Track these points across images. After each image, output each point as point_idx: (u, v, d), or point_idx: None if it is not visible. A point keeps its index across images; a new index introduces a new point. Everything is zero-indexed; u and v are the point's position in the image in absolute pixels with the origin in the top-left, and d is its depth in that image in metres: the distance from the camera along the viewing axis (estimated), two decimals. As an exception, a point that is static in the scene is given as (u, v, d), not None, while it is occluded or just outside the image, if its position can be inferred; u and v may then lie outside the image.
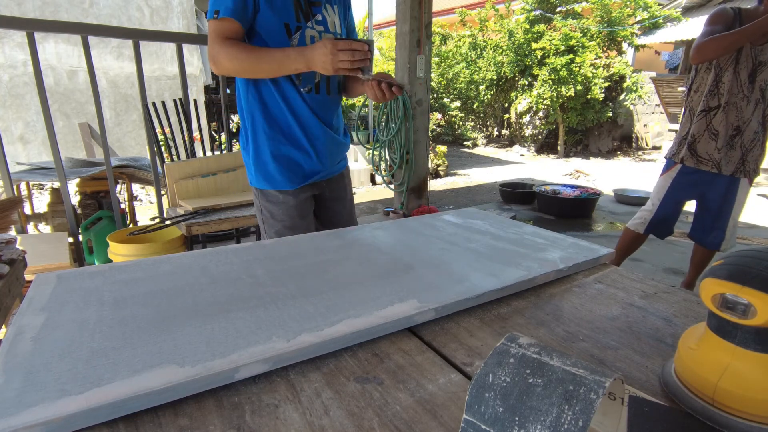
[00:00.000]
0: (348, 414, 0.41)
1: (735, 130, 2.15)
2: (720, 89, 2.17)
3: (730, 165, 2.19)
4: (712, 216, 2.31)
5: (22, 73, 5.19)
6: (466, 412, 0.31)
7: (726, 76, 2.14)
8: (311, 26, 1.18)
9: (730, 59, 2.12)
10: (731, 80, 2.12)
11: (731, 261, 0.39)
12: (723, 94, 2.15)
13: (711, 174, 2.23)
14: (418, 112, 4.11)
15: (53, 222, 2.63)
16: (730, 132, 2.15)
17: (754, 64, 2.08)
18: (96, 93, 2.24)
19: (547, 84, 7.72)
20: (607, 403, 0.38)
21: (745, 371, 0.38)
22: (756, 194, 5.46)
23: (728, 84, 2.13)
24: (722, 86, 2.16)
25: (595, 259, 0.77)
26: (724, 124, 2.16)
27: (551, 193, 4.55)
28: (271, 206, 1.28)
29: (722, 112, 2.16)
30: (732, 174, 2.20)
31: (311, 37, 1.19)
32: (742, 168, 2.19)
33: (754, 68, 2.08)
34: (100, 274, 0.67)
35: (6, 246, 1.26)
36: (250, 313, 0.55)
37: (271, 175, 1.25)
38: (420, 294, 0.60)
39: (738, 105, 2.12)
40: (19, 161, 4.21)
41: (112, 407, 0.39)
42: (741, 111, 2.12)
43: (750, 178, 2.22)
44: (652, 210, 2.41)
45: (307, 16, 1.17)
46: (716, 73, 2.18)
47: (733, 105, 2.13)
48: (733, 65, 2.12)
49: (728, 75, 2.12)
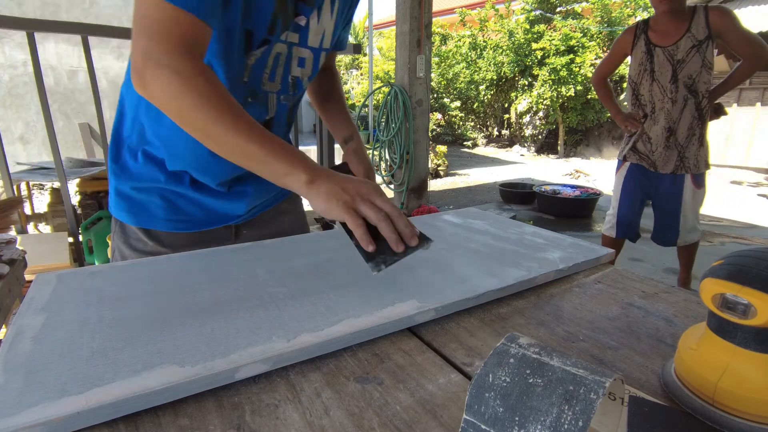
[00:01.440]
0: (348, 414, 0.41)
1: (668, 132, 2.18)
2: (641, 101, 2.25)
3: (668, 164, 2.23)
4: (663, 214, 2.35)
5: (22, 73, 5.19)
6: (466, 412, 0.31)
7: (643, 88, 2.21)
8: (284, 38, 0.76)
9: (643, 72, 2.20)
10: (650, 90, 2.19)
11: (731, 261, 0.39)
12: (646, 104, 2.22)
13: (653, 173, 2.29)
14: (418, 112, 4.11)
15: (53, 222, 2.63)
16: (663, 135, 2.19)
17: (673, 66, 2.10)
18: (96, 93, 2.24)
19: (547, 84, 7.72)
20: (607, 403, 0.38)
21: (745, 371, 0.38)
22: (756, 194, 5.46)
23: (648, 95, 2.20)
24: (642, 98, 2.23)
25: (595, 259, 0.77)
26: (655, 129, 2.21)
27: (551, 193, 4.55)
28: None
29: (650, 120, 2.22)
30: (672, 172, 2.24)
31: (276, 55, 0.77)
32: (681, 165, 2.22)
33: (674, 69, 2.10)
34: (100, 274, 0.67)
35: (6, 246, 1.26)
36: (250, 313, 0.55)
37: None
38: (420, 294, 0.60)
39: (666, 109, 2.16)
40: (19, 161, 4.20)
41: (112, 407, 0.39)
42: (670, 113, 2.16)
43: (694, 173, 2.21)
44: (614, 213, 2.45)
45: (284, 25, 0.74)
46: (632, 88, 2.28)
47: (661, 110, 2.18)
48: (648, 77, 2.18)
49: (645, 87, 2.20)
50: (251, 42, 0.72)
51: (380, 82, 9.06)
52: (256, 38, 0.72)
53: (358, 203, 0.59)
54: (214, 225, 0.88)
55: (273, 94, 0.82)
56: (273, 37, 0.74)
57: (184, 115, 0.59)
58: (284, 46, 0.77)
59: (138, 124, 0.81)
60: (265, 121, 0.84)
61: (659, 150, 2.22)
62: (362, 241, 0.57)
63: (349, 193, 0.59)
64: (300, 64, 0.82)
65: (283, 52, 0.78)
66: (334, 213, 0.59)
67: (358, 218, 0.58)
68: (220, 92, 0.60)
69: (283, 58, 0.78)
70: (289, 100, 0.86)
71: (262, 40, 0.73)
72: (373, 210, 0.58)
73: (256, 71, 0.77)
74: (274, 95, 0.82)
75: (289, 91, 0.84)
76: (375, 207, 0.59)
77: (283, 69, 0.80)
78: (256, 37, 0.72)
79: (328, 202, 0.59)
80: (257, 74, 0.77)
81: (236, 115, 0.59)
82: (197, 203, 0.85)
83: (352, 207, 0.59)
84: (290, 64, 0.81)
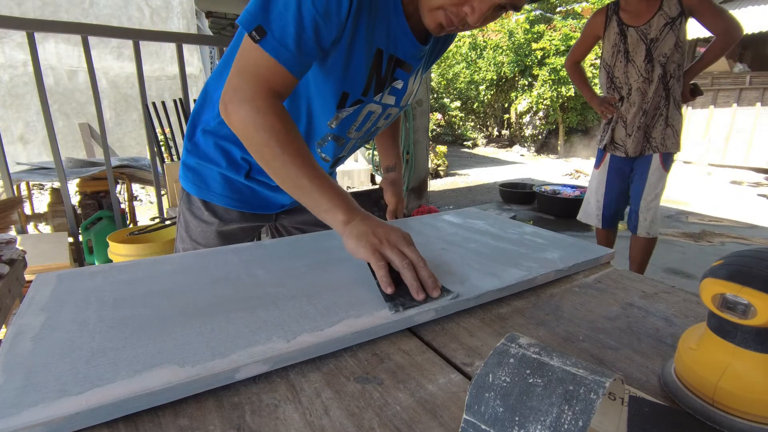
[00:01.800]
0: (348, 414, 0.41)
1: (642, 113, 2.16)
2: (615, 83, 2.20)
3: (636, 146, 2.21)
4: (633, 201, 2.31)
5: (22, 73, 5.19)
6: (466, 412, 0.31)
7: (618, 70, 2.17)
8: (378, 100, 0.82)
9: (617, 54, 2.16)
10: (625, 72, 2.15)
11: (731, 261, 0.39)
12: (621, 87, 2.18)
13: (625, 159, 2.28)
14: (418, 112, 4.11)
15: (53, 222, 2.63)
16: (639, 116, 2.16)
17: (647, 45, 2.07)
18: (96, 93, 2.24)
19: (547, 84, 7.72)
20: (607, 403, 0.38)
21: (745, 371, 0.38)
22: (756, 194, 5.46)
23: (623, 76, 2.16)
24: (617, 80, 2.19)
25: (595, 259, 0.77)
26: (631, 111, 2.18)
27: (551, 193, 4.55)
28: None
29: (627, 102, 2.19)
30: (641, 153, 2.22)
31: (368, 113, 0.83)
32: (648, 145, 2.19)
33: (648, 48, 2.07)
34: (100, 274, 0.67)
35: (6, 246, 1.26)
36: (250, 313, 0.55)
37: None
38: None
39: (642, 89, 2.12)
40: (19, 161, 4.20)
41: (112, 407, 0.39)
42: (645, 93, 2.13)
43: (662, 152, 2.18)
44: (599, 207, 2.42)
45: (380, 87, 0.80)
46: (606, 71, 2.24)
47: (637, 91, 2.13)
48: (623, 59, 2.14)
49: (619, 69, 2.16)
50: (345, 101, 0.79)
51: (380, 82, 9.04)
52: (350, 99, 0.79)
53: (385, 247, 0.61)
54: (262, 210, 0.99)
55: (354, 140, 0.92)
56: (366, 99, 0.81)
57: (254, 145, 0.69)
58: (379, 107, 0.85)
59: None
60: (338, 158, 0.95)
61: (633, 132, 2.20)
62: (382, 283, 0.59)
63: (378, 237, 0.62)
64: (386, 117, 0.91)
65: (377, 111, 0.86)
66: (361, 253, 0.62)
67: (382, 260, 0.60)
68: (288, 130, 0.68)
69: (375, 116, 0.87)
70: (363, 142, 0.96)
71: (356, 100, 0.80)
72: (398, 256, 0.60)
73: (345, 123, 0.85)
74: (354, 140, 0.92)
75: (367, 138, 0.95)
76: (401, 254, 0.61)
77: (372, 123, 0.89)
78: (351, 98, 0.79)
79: (357, 242, 0.62)
80: (345, 125, 0.85)
81: (298, 152, 0.68)
82: (250, 190, 0.96)
83: (378, 250, 0.61)
84: (380, 119, 0.89)
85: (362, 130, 0.90)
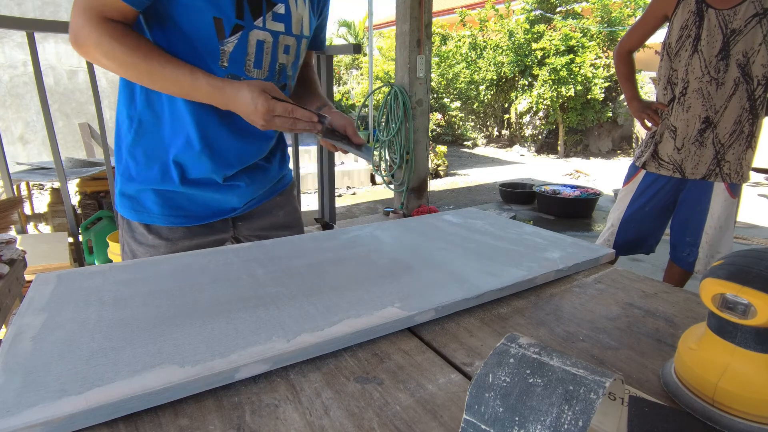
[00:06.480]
0: (348, 414, 0.41)
1: (704, 123, 1.70)
2: (672, 78, 1.76)
3: (700, 167, 1.75)
4: (683, 230, 1.87)
5: (22, 73, 5.19)
6: (466, 412, 0.31)
7: (681, 61, 1.72)
8: (261, 26, 0.82)
9: (685, 39, 1.69)
10: (687, 64, 1.69)
11: (731, 261, 0.39)
12: (677, 83, 1.74)
13: (676, 179, 1.82)
14: (418, 112, 4.11)
15: (53, 222, 2.63)
16: (696, 126, 1.72)
17: (724, 35, 1.61)
18: (96, 93, 2.24)
19: (547, 84, 7.72)
20: (607, 403, 0.38)
21: (745, 371, 0.38)
22: (756, 194, 5.46)
23: (683, 70, 1.71)
24: (673, 75, 1.76)
25: (595, 259, 0.77)
26: (683, 118, 1.74)
27: (551, 193, 4.55)
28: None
29: (678, 104, 1.75)
30: (703, 178, 1.75)
31: (258, 42, 0.83)
32: (717, 170, 1.73)
33: (726, 40, 1.61)
34: (100, 274, 0.67)
35: (6, 246, 1.26)
36: (250, 313, 0.55)
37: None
38: (420, 294, 0.60)
39: (704, 91, 1.67)
40: (19, 161, 4.21)
41: (112, 407, 0.39)
42: (709, 98, 1.67)
43: (729, 183, 1.73)
44: (613, 231, 1.99)
45: (257, 11, 0.80)
46: (669, 57, 1.76)
47: (697, 92, 1.69)
48: (690, 47, 1.68)
49: (682, 59, 1.71)
50: (222, 28, 0.79)
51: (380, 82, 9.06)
52: (227, 24, 0.79)
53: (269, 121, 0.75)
54: (209, 219, 0.95)
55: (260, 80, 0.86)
56: (245, 23, 0.80)
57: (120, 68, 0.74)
58: (268, 34, 0.84)
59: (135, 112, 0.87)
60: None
61: (687, 146, 1.73)
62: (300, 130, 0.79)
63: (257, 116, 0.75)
64: (285, 51, 0.89)
65: (269, 40, 0.85)
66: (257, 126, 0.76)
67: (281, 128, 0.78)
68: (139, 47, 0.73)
69: (269, 45, 0.85)
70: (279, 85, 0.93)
71: (234, 25, 0.79)
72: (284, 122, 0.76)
73: (237, 58, 0.83)
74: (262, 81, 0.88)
75: (276, 78, 0.91)
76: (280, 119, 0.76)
77: (270, 57, 0.87)
78: (226, 23, 0.79)
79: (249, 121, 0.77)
80: (239, 61, 0.83)
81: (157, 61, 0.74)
82: (191, 198, 0.92)
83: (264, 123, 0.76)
84: (277, 51, 0.87)
85: (264, 67, 0.86)
